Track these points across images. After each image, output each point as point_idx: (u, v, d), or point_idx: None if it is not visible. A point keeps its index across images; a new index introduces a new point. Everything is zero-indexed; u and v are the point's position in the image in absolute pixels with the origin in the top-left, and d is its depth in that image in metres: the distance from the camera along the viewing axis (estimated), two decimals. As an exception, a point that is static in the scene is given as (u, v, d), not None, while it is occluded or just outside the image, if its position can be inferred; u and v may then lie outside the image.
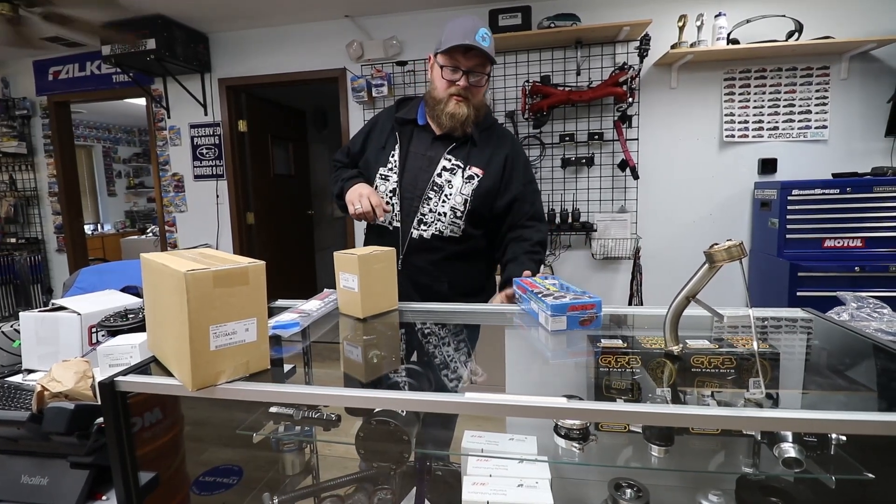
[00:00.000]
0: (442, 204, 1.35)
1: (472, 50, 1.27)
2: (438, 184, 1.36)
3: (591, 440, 0.84)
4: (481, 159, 1.38)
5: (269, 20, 3.41)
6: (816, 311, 1.08)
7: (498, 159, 1.39)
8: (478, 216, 1.38)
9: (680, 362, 0.83)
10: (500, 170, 1.39)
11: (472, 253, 1.43)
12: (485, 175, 1.37)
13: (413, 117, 1.43)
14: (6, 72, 4.08)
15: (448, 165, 1.36)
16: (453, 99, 1.33)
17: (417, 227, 1.37)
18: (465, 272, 1.44)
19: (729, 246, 0.73)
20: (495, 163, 1.38)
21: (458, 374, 0.98)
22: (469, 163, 1.37)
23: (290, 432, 1.13)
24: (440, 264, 1.38)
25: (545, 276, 1.25)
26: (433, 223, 1.36)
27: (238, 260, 0.78)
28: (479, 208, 1.37)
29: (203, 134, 3.74)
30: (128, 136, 7.85)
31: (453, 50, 1.28)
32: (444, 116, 1.34)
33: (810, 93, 2.84)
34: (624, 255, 3.07)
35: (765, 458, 0.84)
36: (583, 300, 0.99)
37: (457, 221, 1.36)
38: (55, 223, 4.19)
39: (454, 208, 1.35)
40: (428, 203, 1.36)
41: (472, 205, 1.36)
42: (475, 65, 1.31)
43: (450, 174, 1.36)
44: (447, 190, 1.35)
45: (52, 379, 0.88)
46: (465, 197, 1.35)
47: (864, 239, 2.47)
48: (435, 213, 1.36)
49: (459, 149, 1.38)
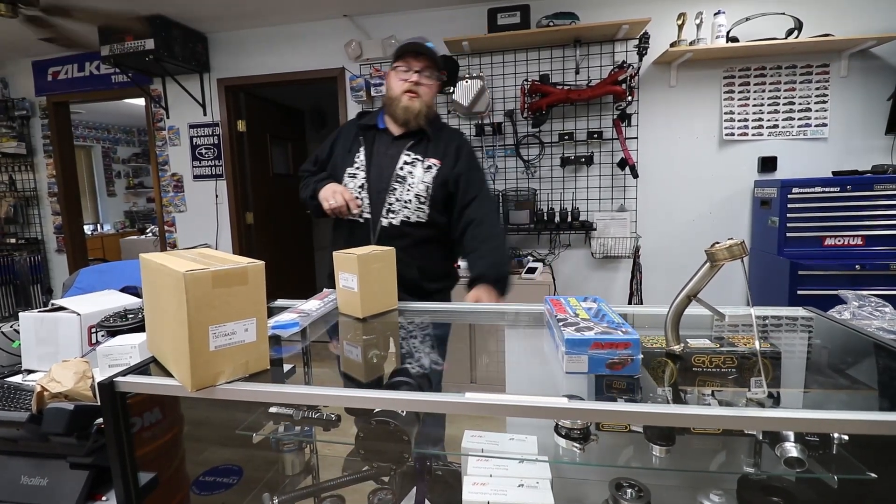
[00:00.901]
0: (407, 192, 1.50)
1: (422, 53, 1.51)
2: (402, 175, 1.51)
3: (592, 440, 0.84)
4: (437, 152, 1.55)
5: (267, 20, 3.40)
6: (817, 310, 1.08)
7: (451, 150, 1.57)
8: (440, 202, 1.53)
9: (681, 361, 0.83)
10: (453, 159, 1.56)
11: (438, 238, 1.57)
12: (442, 164, 1.53)
13: (374, 123, 1.61)
14: (5, 72, 4.07)
15: (408, 159, 1.53)
16: (406, 95, 1.51)
17: (386, 215, 1.51)
18: (432, 257, 1.57)
19: (730, 245, 0.72)
20: (449, 154, 1.56)
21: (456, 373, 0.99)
22: (427, 155, 1.54)
23: (289, 432, 1.12)
24: (409, 250, 1.47)
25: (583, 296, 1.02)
26: (400, 210, 1.50)
27: (237, 260, 0.77)
28: (439, 194, 1.53)
29: (202, 134, 3.73)
30: (127, 137, 7.85)
31: (406, 53, 1.52)
32: (399, 110, 1.52)
33: (810, 91, 2.84)
34: (623, 253, 3.07)
35: (766, 458, 0.84)
36: (614, 336, 0.76)
37: (422, 207, 1.51)
38: (55, 223, 4.19)
39: (418, 195, 1.50)
40: (394, 193, 1.51)
41: (433, 191, 1.51)
42: (424, 66, 1.52)
43: (411, 166, 1.52)
44: (410, 180, 1.51)
45: (51, 379, 0.88)
46: (427, 184, 1.51)
47: (865, 237, 2.46)
48: (401, 202, 1.50)
49: (417, 145, 1.55)
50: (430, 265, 1.56)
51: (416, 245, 1.51)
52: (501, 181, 3.21)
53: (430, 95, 1.55)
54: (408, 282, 1.43)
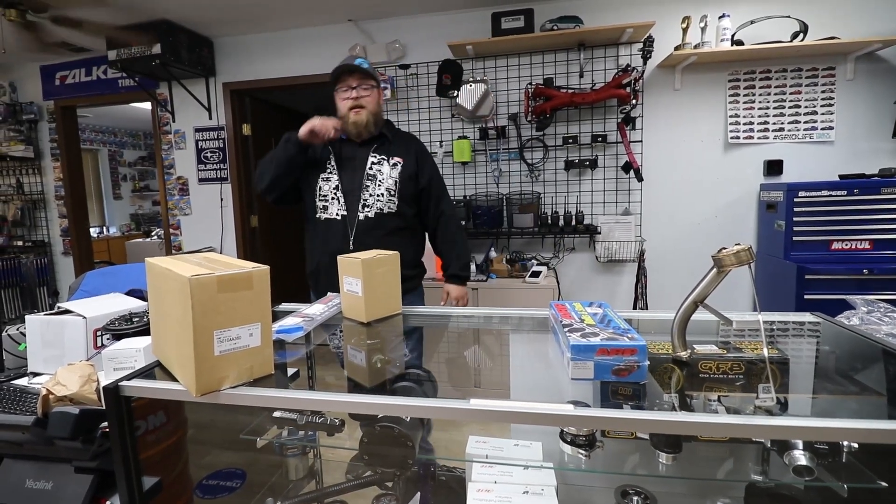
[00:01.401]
0: (378, 187, 1.70)
1: (355, 71, 1.68)
2: (371, 174, 1.71)
3: (598, 446, 0.83)
4: (399, 151, 1.76)
5: (272, 25, 3.42)
6: (825, 316, 1.07)
7: (411, 151, 1.79)
8: (407, 195, 1.74)
9: (688, 368, 0.82)
10: (414, 159, 1.78)
11: (408, 228, 1.78)
12: (405, 162, 1.75)
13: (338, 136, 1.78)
14: (14, 76, 4.11)
15: (375, 160, 1.73)
16: (352, 112, 1.69)
17: (362, 210, 1.69)
18: (405, 245, 1.68)
19: (738, 250, 0.72)
20: (410, 154, 1.77)
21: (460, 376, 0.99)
22: (391, 154, 1.75)
23: (293, 437, 1.12)
24: (384, 240, 1.64)
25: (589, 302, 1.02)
26: (374, 204, 1.69)
27: (242, 265, 0.77)
28: (406, 188, 1.74)
29: (207, 138, 3.75)
30: (133, 140, 7.90)
31: (341, 74, 1.71)
32: (350, 126, 1.70)
33: (816, 94, 2.82)
34: (628, 257, 3.06)
35: (774, 466, 0.83)
36: (620, 342, 0.76)
37: (392, 199, 1.71)
38: (61, 226, 4.21)
39: (388, 189, 1.71)
40: (367, 190, 1.70)
41: (401, 185, 1.73)
42: (360, 80, 1.70)
43: (378, 165, 1.73)
44: (380, 177, 1.71)
45: (57, 382, 0.88)
46: (395, 179, 1.72)
47: (873, 241, 2.44)
48: (374, 196, 1.70)
49: (380, 147, 1.75)
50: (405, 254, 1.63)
51: (390, 234, 1.70)
52: (505, 184, 3.20)
53: (373, 103, 1.72)
54: None
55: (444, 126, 3.27)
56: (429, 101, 3.26)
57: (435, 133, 3.28)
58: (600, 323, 0.87)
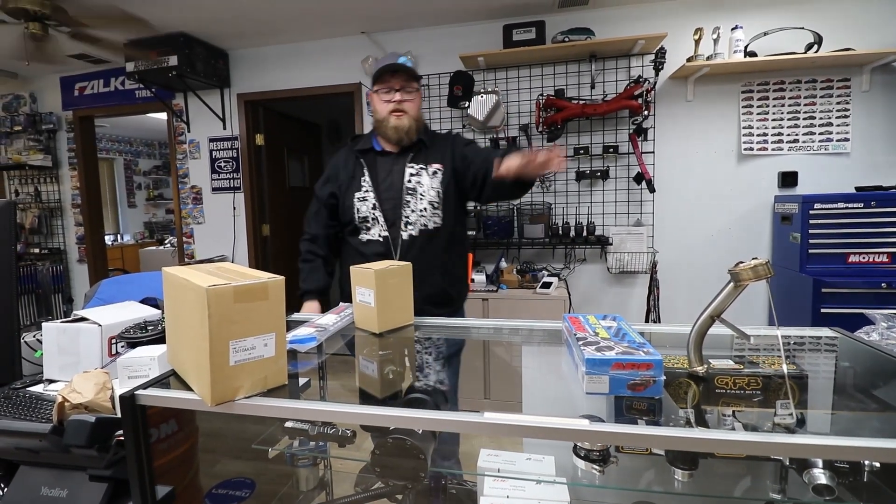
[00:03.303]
0: (419, 201, 1.55)
1: (399, 70, 1.53)
2: (411, 187, 1.55)
3: (612, 462, 0.82)
4: (437, 157, 1.59)
5: (286, 37, 3.48)
6: (844, 331, 1.05)
7: (447, 152, 1.61)
8: (452, 203, 1.59)
9: (704, 383, 0.81)
10: (451, 155, 1.60)
11: (453, 242, 1.62)
12: (444, 167, 1.58)
13: (370, 146, 1.63)
14: (34, 87, 4.21)
15: (413, 171, 1.57)
16: (393, 115, 1.55)
17: (405, 228, 1.55)
18: (454, 263, 1.64)
19: (755, 265, 0.71)
20: (447, 155, 1.60)
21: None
22: (429, 161, 1.58)
23: (304, 447, 1.12)
24: (430, 256, 1.55)
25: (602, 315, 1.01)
26: (417, 221, 1.55)
27: (258, 275, 0.78)
28: (451, 196, 1.58)
29: (221, 147, 3.81)
30: (148, 150, 8.04)
31: (383, 74, 1.55)
32: (389, 131, 1.56)
33: (831, 105, 2.80)
34: (640, 269, 3.03)
35: (793, 484, 0.81)
36: (636, 357, 0.74)
37: (437, 212, 1.56)
38: (77, 234, 4.29)
39: (431, 202, 1.55)
40: (408, 206, 1.55)
41: (444, 195, 1.56)
42: (404, 82, 1.55)
43: (417, 177, 1.56)
44: (420, 189, 1.55)
45: (72, 390, 0.89)
46: (437, 189, 1.55)
47: (891, 254, 2.40)
48: (417, 212, 1.55)
49: (417, 156, 1.59)
50: (451, 269, 1.63)
51: (437, 252, 1.56)
52: (516, 195, 3.20)
53: (415, 109, 1.59)
54: (431, 288, 1.52)
55: (455, 137, 3.28)
56: (440, 112, 3.28)
57: (446, 143, 3.30)
58: (615, 336, 0.86)
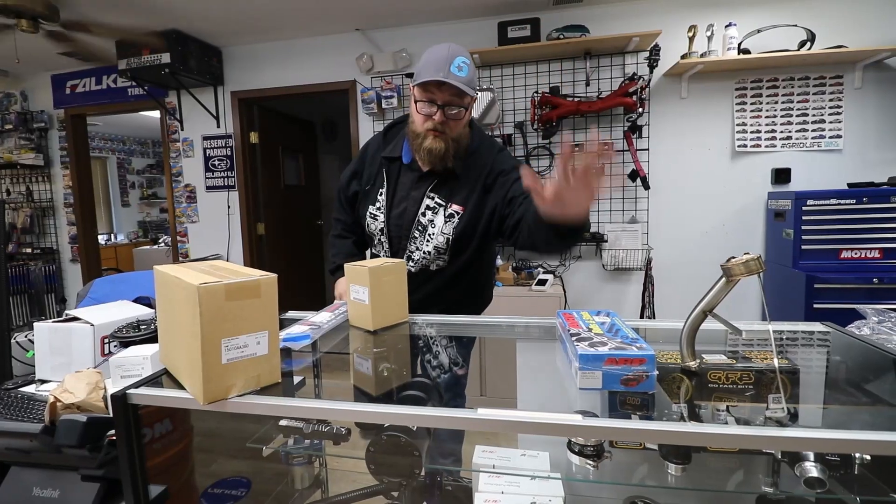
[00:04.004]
0: (426, 242, 1.37)
1: (445, 84, 1.22)
2: (423, 223, 1.37)
3: (606, 457, 0.82)
4: (461, 195, 1.36)
5: (280, 34, 3.46)
6: (835, 325, 1.06)
7: (477, 187, 1.36)
8: (462, 246, 1.38)
9: (697, 378, 0.82)
10: (479, 196, 1.35)
11: (460, 277, 1.43)
12: (464, 212, 1.35)
13: (398, 155, 1.43)
14: (25, 85, 4.18)
15: (431, 204, 1.37)
16: (430, 134, 1.29)
17: (408, 262, 1.38)
18: (454, 297, 1.46)
19: (747, 260, 0.71)
20: (474, 194, 1.36)
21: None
22: (451, 200, 1.36)
23: (299, 445, 1.12)
24: (431, 294, 1.40)
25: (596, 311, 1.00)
26: (420, 260, 1.39)
27: (250, 273, 0.78)
28: (462, 240, 1.37)
29: (215, 146, 3.79)
30: (142, 148, 7.98)
31: (427, 83, 1.23)
32: (422, 151, 1.32)
33: (824, 102, 2.81)
34: (635, 265, 3.05)
35: (785, 478, 0.82)
36: (628, 352, 0.74)
37: (441, 256, 1.38)
38: (70, 233, 4.26)
39: (437, 247, 1.36)
40: (414, 242, 1.38)
41: (454, 242, 1.36)
42: (451, 96, 1.25)
43: (432, 213, 1.36)
44: (430, 230, 1.36)
45: (64, 390, 0.88)
46: (447, 236, 1.35)
47: (882, 250, 2.42)
48: (421, 252, 1.38)
49: (442, 185, 1.37)
50: (453, 305, 1.44)
51: (437, 289, 1.41)
52: (511, 192, 3.20)
53: (459, 129, 1.31)
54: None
55: (450, 134, 3.28)
56: (435, 110, 3.27)
57: (441, 141, 3.29)
58: (608, 332, 0.86)
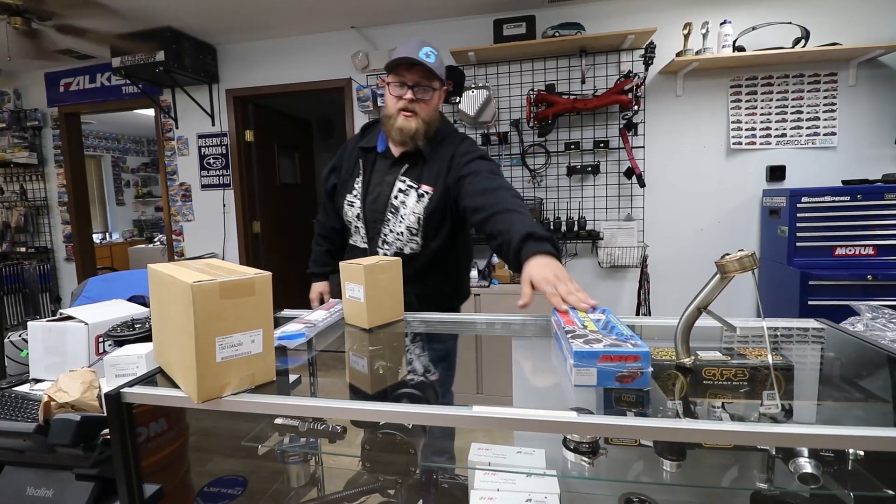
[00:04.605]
0: (399, 223, 1.43)
1: (416, 65, 1.33)
2: (395, 205, 1.44)
3: (601, 454, 0.82)
4: (431, 177, 1.43)
5: (276, 32, 3.44)
6: (829, 322, 1.06)
7: (444, 168, 1.43)
8: (434, 229, 1.44)
9: (692, 374, 0.82)
10: (445, 175, 1.42)
11: (435, 264, 1.48)
12: (434, 192, 1.42)
13: (374, 145, 1.51)
14: (18, 83, 4.14)
15: (402, 187, 1.44)
16: (401, 114, 1.38)
17: (382, 246, 1.47)
18: (430, 283, 1.49)
19: (741, 256, 0.71)
20: (442, 172, 1.43)
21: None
22: (421, 181, 1.43)
23: (295, 444, 1.12)
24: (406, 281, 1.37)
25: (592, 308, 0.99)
26: (394, 242, 1.45)
27: (244, 271, 0.77)
28: (434, 222, 1.43)
29: (210, 144, 3.77)
30: (136, 146, 7.94)
31: (397, 65, 1.36)
32: (394, 131, 1.40)
33: (818, 99, 2.83)
34: (631, 263, 3.05)
35: (780, 473, 0.82)
36: (623, 349, 0.74)
37: (414, 238, 1.44)
38: (64, 232, 4.23)
39: (409, 227, 1.43)
40: (388, 224, 1.45)
41: (426, 221, 1.42)
42: (420, 79, 1.37)
43: (404, 195, 1.44)
44: (402, 210, 1.43)
45: (58, 389, 0.88)
46: (418, 215, 1.42)
47: (876, 247, 2.43)
48: (394, 234, 1.45)
49: (412, 169, 1.45)
50: (430, 292, 1.49)
51: (412, 274, 1.39)
52: (507, 190, 3.21)
53: (428, 111, 1.41)
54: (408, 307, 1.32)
55: (446, 132, 3.28)
56: (431, 108, 3.27)
57: (437, 139, 3.29)
58: (603, 329, 0.86)
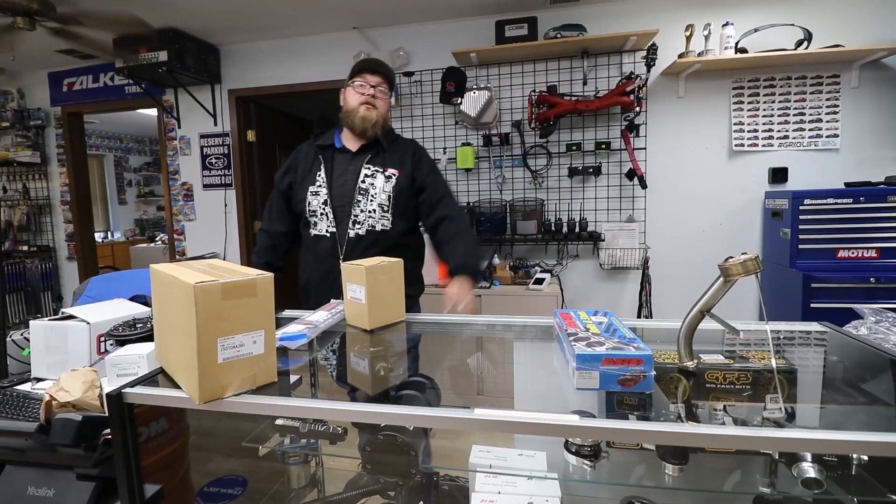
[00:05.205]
0: (370, 202, 1.60)
1: (378, 71, 1.65)
2: (364, 188, 1.61)
3: (603, 457, 0.82)
4: (394, 162, 1.66)
5: (278, 32, 3.45)
6: (833, 325, 1.06)
7: (407, 158, 1.68)
8: (404, 209, 1.64)
9: (695, 378, 0.82)
10: (411, 166, 1.66)
11: (404, 245, 1.66)
12: (401, 173, 1.64)
13: (331, 143, 1.69)
14: (22, 83, 4.15)
15: (368, 172, 1.63)
16: (363, 106, 1.61)
17: (352, 227, 1.60)
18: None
19: (745, 260, 0.71)
20: (406, 161, 1.67)
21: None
22: (385, 166, 1.64)
23: (295, 444, 1.12)
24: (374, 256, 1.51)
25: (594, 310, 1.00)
26: (365, 220, 1.60)
27: (246, 272, 0.77)
28: (402, 201, 1.63)
29: (212, 144, 3.77)
30: (139, 146, 7.95)
31: (362, 70, 1.65)
32: (357, 120, 1.61)
33: (821, 101, 2.82)
34: (632, 264, 3.05)
35: (782, 478, 0.82)
36: (626, 352, 0.74)
37: (385, 215, 1.61)
38: (66, 231, 4.24)
39: (381, 204, 1.60)
40: (358, 205, 1.60)
41: (395, 199, 1.62)
42: (379, 82, 1.64)
43: (372, 178, 1.62)
44: (372, 191, 1.61)
45: (60, 388, 0.88)
46: (388, 193, 1.61)
47: (879, 249, 2.42)
48: (366, 213, 1.60)
49: (375, 158, 1.65)
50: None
51: (382, 252, 1.56)
52: (509, 191, 3.21)
53: (385, 108, 1.66)
54: None
55: (448, 133, 3.28)
56: (433, 109, 3.27)
57: (439, 140, 3.29)
58: (605, 332, 0.86)
